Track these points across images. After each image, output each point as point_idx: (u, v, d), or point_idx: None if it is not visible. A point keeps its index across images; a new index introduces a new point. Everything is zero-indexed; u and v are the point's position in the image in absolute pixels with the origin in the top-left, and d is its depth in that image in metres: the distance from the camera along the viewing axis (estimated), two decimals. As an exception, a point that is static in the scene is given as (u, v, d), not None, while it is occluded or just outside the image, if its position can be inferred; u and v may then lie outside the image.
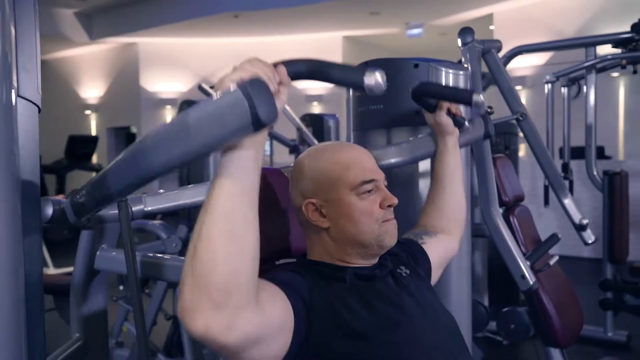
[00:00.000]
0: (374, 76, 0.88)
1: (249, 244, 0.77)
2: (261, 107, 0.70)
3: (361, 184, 1.04)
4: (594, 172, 3.47)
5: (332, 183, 1.05)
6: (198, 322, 0.74)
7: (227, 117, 0.71)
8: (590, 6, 7.20)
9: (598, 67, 3.37)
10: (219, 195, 0.76)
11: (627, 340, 3.39)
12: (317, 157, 1.08)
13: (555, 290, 2.15)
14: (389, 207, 1.06)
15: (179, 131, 0.74)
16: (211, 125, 0.71)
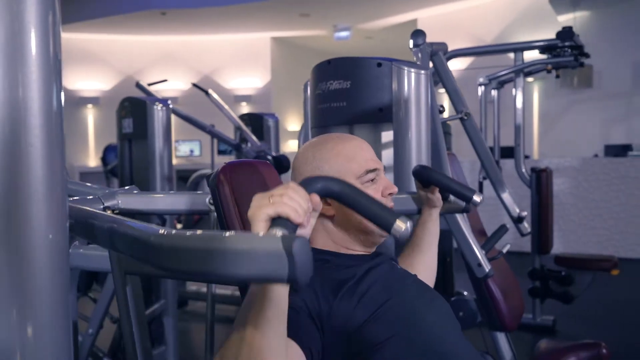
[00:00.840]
0: (405, 225, 0.88)
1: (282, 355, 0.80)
2: (300, 266, 0.67)
3: (365, 172, 1.10)
4: (522, 170, 3.71)
5: (338, 172, 1.09)
6: None
7: (262, 264, 0.68)
8: (507, 15, 7.66)
9: (525, 71, 3.61)
10: (253, 331, 0.78)
11: (552, 324, 3.65)
12: (321, 148, 1.12)
13: (501, 278, 2.31)
14: (389, 195, 1.12)
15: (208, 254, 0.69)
16: (243, 264, 0.68)
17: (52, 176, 0.65)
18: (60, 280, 0.66)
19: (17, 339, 0.63)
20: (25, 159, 0.63)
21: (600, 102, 6.63)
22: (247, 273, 0.68)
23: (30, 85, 0.63)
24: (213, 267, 0.68)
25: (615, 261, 3.50)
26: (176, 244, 0.72)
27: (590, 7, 6.48)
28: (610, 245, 5.71)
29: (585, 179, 5.86)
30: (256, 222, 0.78)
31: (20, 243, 0.63)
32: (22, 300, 0.63)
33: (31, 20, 0.64)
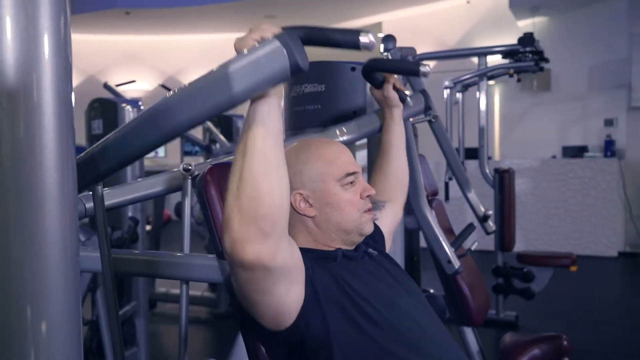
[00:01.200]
0: (367, 36, 0.95)
1: (284, 178, 0.90)
2: (298, 54, 0.78)
3: (345, 176, 1.16)
4: (486, 170, 3.83)
5: (319, 175, 1.15)
6: (250, 251, 0.86)
7: (267, 65, 0.78)
8: (469, 19, 7.86)
9: (489, 75, 3.74)
10: (254, 139, 0.87)
11: (515, 319, 3.79)
12: (303, 152, 1.18)
13: (468, 275, 2.39)
14: (367, 197, 1.18)
15: (219, 81, 0.81)
16: (251, 73, 0.79)
17: (65, 175, 0.68)
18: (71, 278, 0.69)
19: (31, 335, 0.66)
20: (40, 160, 0.66)
21: (558, 105, 6.88)
22: (259, 78, 0.79)
23: (44, 86, 0.66)
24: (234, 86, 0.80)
25: (574, 258, 3.65)
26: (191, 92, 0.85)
27: (548, 13, 6.71)
28: (568, 243, 5.93)
29: (544, 179, 6.07)
30: (246, 47, 0.84)
31: (35, 243, 0.66)
32: (36, 298, 0.66)
33: (45, 24, 0.66)
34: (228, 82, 0.79)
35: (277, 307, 0.97)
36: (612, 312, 4.12)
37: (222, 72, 0.80)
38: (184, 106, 0.85)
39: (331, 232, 1.16)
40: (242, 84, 0.79)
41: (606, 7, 6.28)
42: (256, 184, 0.86)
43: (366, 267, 1.16)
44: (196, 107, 0.84)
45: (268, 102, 0.87)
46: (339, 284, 1.06)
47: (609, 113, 6.26)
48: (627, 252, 5.87)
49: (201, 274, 1.29)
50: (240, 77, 0.79)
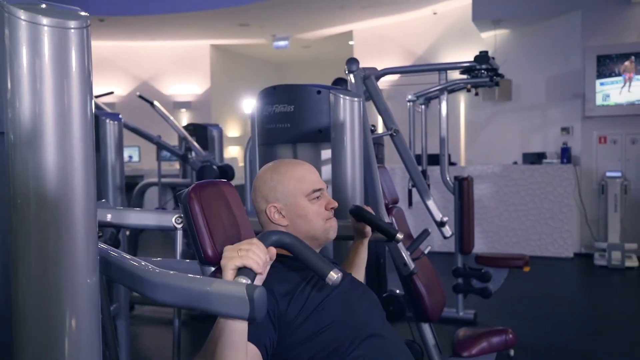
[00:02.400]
0: (337, 275, 1.14)
1: None
2: (258, 309, 0.95)
3: (312, 192, 1.40)
4: (446, 178, 4.09)
5: (290, 191, 1.39)
6: None
7: (230, 304, 0.97)
8: (435, 30, 8.18)
9: (449, 89, 4.01)
10: (220, 349, 1.05)
11: (474, 317, 4.05)
12: (276, 172, 1.41)
13: (425, 275, 2.64)
14: (331, 209, 1.42)
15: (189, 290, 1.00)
16: (214, 302, 0.98)
17: (89, 184, 0.86)
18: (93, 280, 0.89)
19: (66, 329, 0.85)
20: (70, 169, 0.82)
21: (519, 113, 7.22)
22: (219, 310, 1.00)
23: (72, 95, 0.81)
24: (194, 303, 1.01)
25: (527, 259, 3.93)
26: (165, 282, 1.07)
27: (509, 26, 7.05)
28: (527, 244, 6.26)
29: (505, 184, 6.39)
30: (226, 270, 1.05)
31: (64, 249, 0.84)
32: (68, 298, 0.85)
33: (72, 39, 0.80)
34: (198, 297, 0.99)
35: None
36: (565, 309, 4.42)
37: (193, 284, 1.00)
38: (156, 289, 1.05)
39: (301, 239, 1.39)
40: (206, 305, 0.99)
41: (563, 22, 6.63)
42: None
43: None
44: (167, 297, 1.04)
45: (236, 323, 1.03)
46: (303, 291, 1.27)
47: (566, 122, 6.61)
48: (582, 253, 6.22)
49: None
50: (205, 298, 0.98)
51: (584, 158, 6.35)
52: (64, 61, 0.80)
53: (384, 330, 1.38)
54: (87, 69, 0.85)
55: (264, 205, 1.41)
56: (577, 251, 6.23)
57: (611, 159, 6.22)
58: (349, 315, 1.30)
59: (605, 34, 6.24)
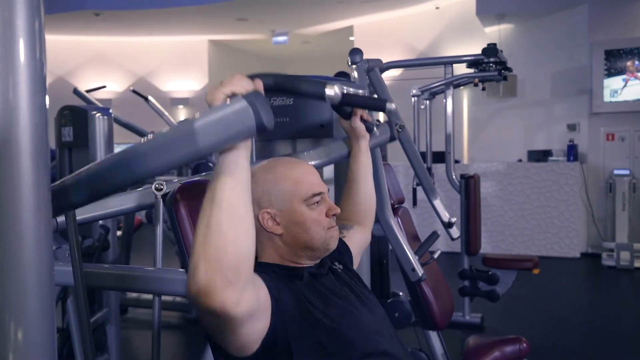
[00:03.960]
0: (333, 88, 1.00)
1: (250, 227, 0.93)
2: (264, 114, 0.82)
3: (311, 196, 1.21)
4: (452, 176, 3.93)
5: (286, 195, 1.20)
6: (215, 299, 0.88)
7: (233, 123, 0.83)
8: (438, 25, 8.01)
9: (455, 83, 3.84)
10: (222, 189, 0.91)
11: (481, 321, 3.90)
12: (271, 172, 1.23)
13: (433, 281, 2.48)
14: (333, 215, 1.24)
15: (186, 135, 0.84)
16: (218, 130, 0.83)
17: (40, 180, 0.71)
18: (47, 292, 0.73)
19: (11, 342, 0.70)
20: (16, 165, 0.68)
21: (524, 110, 7.06)
22: (226, 135, 0.83)
23: (19, 89, 0.68)
24: (201, 141, 0.83)
25: (536, 261, 3.78)
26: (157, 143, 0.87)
27: (513, 20, 6.89)
28: (533, 244, 6.10)
29: (510, 183, 6.23)
30: (216, 101, 0.88)
31: (14, 262, 0.69)
32: (13, 306, 0.70)
33: (20, 26, 0.68)
34: (195, 136, 0.83)
35: (242, 342, 1.02)
36: (574, 312, 4.27)
37: (190, 126, 0.83)
38: (153, 155, 0.87)
39: (297, 250, 1.22)
40: (209, 139, 0.83)
41: (568, 16, 6.47)
42: (223, 234, 0.89)
43: (330, 284, 1.22)
44: (163, 157, 0.86)
45: (236, 154, 0.91)
46: (303, 304, 1.12)
47: (572, 118, 6.46)
48: (589, 253, 6.07)
49: (172, 288, 1.33)
50: (207, 132, 0.83)
51: (591, 155, 6.20)
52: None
53: (391, 345, 1.22)
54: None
55: (257, 211, 1.20)
56: (584, 251, 6.07)
57: (619, 157, 6.06)
58: (351, 329, 1.14)
59: (613, 28, 6.08)
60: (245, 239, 0.92)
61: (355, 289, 1.26)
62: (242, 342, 1.02)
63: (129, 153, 0.90)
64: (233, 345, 1.03)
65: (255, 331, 1.02)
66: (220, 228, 0.89)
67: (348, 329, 1.13)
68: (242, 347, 1.03)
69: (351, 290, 1.25)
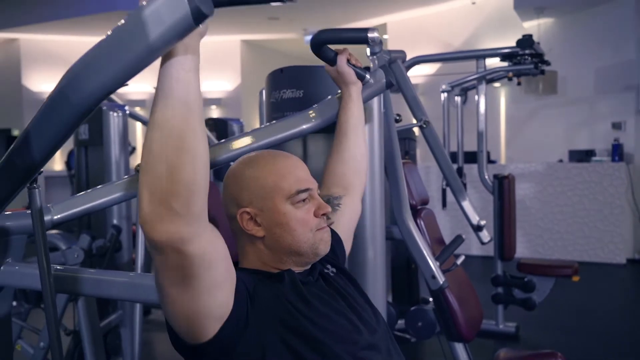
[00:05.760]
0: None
1: (200, 153, 0.79)
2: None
3: (296, 193, 1.05)
4: (485, 176, 3.72)
5: (267, 192, 1.05)
6: (160, 230, 0.78)
7: (165, 13, 0.69)
8: (474, 20, 7.73)
9: (487, 78, 3.63)
10: (163, 108, 0.77)
11: (516, 331, 3.66)
12: (251, 166, 1.08)
13: (458, 288, 2.29)
14: (322, 215, 1.08)
15: (121, 39, 0.72)
16: (150, 25, 0.69)
17: None
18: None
19: None
20: None
21: (565, 107, 6.73)
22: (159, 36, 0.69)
23: None
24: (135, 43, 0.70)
25: (576, 267, 3.53)
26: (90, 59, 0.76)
27: (553, 14, 6.57)
28: (574, 249, 5.79)
29: (550, 184, 5.93)
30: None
31: None
32: None
33: None
34: (130, 39, 0.71)
35: (193, 307, 0.86)
36: (617, 323, 3.98)
37: (122, 28, 0.72)
38: (89, 73, 0.76)
39: (282, 255, 1.07)
40: (143, 39, 0.70)
41: (613, 8, 6.13)
42: (165, 159, 0.77)
43: (318, 292, 1.06)
44: (102, 71, 0.75)
45: (178, 62, 0.77)
46: (284, 307, 0.97)
47: (617, 116, 6.11)
48: (635, 259, 5.72)
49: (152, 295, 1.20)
50: (140, 31, 0.70)
51: (638, 155, 5.85)
52: None
53: (381, 342, 1.06)
54: None
55: (235, 210, 1.07)
56: (630, 257, 5.72)
57: (669, 157, 5.70)
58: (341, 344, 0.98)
59: (662, 20, 5.72)
60: (193, 165, 0.78)
61: (348, 297, 1.10)
62: (195, 308, 0.87)
63: (63, 81, 0.79)
64: (183, 317, 0.88)
65: (213, 298, 0.87)
66: (162, 154, 0.77)
67: (334, 342, 0.97)
68: (194, 320, 0.88)
69: (343, 298, 1.09)
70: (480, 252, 5.33)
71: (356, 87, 1.39)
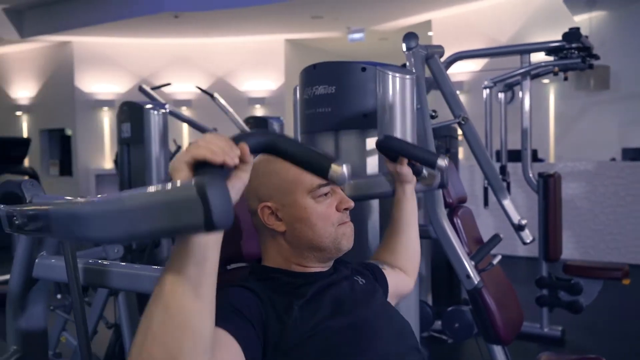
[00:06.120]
0: (341, 169, 0.80)
1: (203, 335, 0.73)
2: (217, 211, 0.63)
3: (317, 187, 1.04)
4: (529, 174, 3.60)
5: (288, 186, 1.04)
6: None
7: (178, 213, 0.65)
8: (522, 15, 7.52)
9: (532, 73, 3.51)
10: (170, 292, 0.71)
11: (561, 335, 3.54)
12: (273, 160, 1.07)
13: (496, 289, 2.22)
14: (345, 210, 1.06)
15: (118, 213, 0.67)
16: (159, 216, 0.66)
17: None
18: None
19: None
20: None
21: (618, 104, 6.47)
22: (164, 225, 0.65)
23: None
24: (133, 226, 0.66)
25: (627, 270, 3.37)
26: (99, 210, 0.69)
27: (606, 7, 6.32)
28: (627, 252, 5.55)
29: (601, 183, 5.71)
30: (175, 173, 0.72)
31: None
32: None
33: None
34: (129, 216, 0.67)
35: None
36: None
37: (122, 202, 0.68)
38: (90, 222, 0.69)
39: (303, 250, 1.05)
40: (147, 223, 0.66)
41: (671, -1, 5.86)
42: (164, 345, 0.70)
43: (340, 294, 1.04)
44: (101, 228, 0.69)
45: (193, 249, 0.72)
46: (302, 315, 0.95)
47: (674, 112, 5.83)
48: (693, 263, 5.44)
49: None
50: (146, 215, 0.66)
51: (697, 154, 5.56)
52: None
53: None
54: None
55: (256, 205, 1.06)
56: (687, 260, 5.45)
57: None
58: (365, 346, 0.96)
59: None
60: (196, 349, 0.71)
61: (369, 303, 1.07)
62: None
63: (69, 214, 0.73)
64: None
65: None
66: (162, 339, 0.70)
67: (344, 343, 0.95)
68: None
69: (363, 303, 1.06)
70: (527, 252, 5.18)
71: (411, 185, 1.38)
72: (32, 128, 10.35)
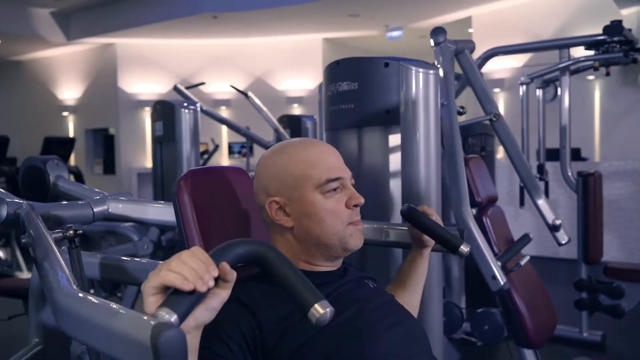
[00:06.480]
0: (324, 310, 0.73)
1: None
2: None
3: (326, 182, 1.01)
4: (568, 173, 3.49)
5: (296, 181, 1.02)
6: None
7: (128, 352, 0.63)
8: (565, 9, 7.29)
9: (572, 68, 3.39)
10: None
11: (601, 340, 3.41)
12: (281, 154, 1.05)
13: (528, 291, 2.15)
14: (355, 206, 1.03)
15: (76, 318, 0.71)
16: (109, 343, 0.66)
17: None
18: None
19: None
20: None
21: (667, 100, 6.20)
22: (117, 356, 0.65)
23: None
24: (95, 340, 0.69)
25: (671, 274, 3.22)
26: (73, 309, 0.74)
27: (656, -1, 6.07)
28: (676, 254, 5.31)
29: (648, 183, 5.48)
30: (145, 296, 0.69)
31: None
32: None
33: None
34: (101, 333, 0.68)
35: None
36: None
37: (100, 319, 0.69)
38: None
39: (310, 246, 1.03)
40: (107, 347, 0.67)
41: None
42: None
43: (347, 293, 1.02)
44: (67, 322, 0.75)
45: None
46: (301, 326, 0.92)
47: None
48: None
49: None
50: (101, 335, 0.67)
51: None
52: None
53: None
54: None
55: (265, 200, 1.04)
56: None
57: None
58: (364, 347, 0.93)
59: None
60: None
61: (377, 303, 1.04)
62: None
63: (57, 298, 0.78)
64: None
65: None
66: None
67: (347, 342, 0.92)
68: None
69: (371, 302, 1.03)
70: (568, 254, 5.01)
71: (428, 248, 1.32)
72: (78, 128, 10.66)
